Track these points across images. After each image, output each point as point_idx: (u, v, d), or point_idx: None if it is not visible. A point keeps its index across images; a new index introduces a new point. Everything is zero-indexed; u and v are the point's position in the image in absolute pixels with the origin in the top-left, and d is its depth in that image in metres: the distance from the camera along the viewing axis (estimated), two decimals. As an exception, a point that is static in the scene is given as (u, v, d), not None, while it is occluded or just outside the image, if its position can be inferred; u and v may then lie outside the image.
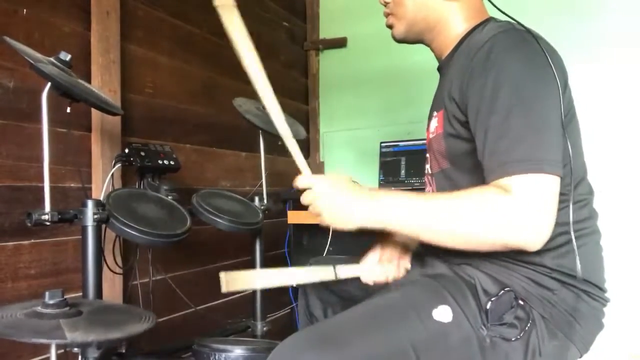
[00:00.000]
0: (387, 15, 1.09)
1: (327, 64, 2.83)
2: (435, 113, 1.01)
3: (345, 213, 0.85)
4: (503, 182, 0.78)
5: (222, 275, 0.85)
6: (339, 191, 0.86)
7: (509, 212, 0.76)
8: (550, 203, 0.77)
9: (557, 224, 0.86)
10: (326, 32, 2.82)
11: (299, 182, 0.91)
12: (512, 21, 0.91)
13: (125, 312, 1.00)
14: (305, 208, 0.92)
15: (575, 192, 0.91)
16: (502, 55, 0.84)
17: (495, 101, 0.81)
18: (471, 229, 0.79)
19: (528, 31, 0.86)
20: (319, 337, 0.82)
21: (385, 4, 1.08)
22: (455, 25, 1.01)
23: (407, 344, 0.81)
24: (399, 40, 1.09)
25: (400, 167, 2.39)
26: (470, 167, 0.90)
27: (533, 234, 0.77)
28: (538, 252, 0.82)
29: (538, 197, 0.76)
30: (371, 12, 1.30)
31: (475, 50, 0.88)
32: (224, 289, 0.85)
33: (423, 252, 1.07)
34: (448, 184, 0.98)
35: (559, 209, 0.87)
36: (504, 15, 0.95)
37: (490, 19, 1.00)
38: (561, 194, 0.87)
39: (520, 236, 0.77)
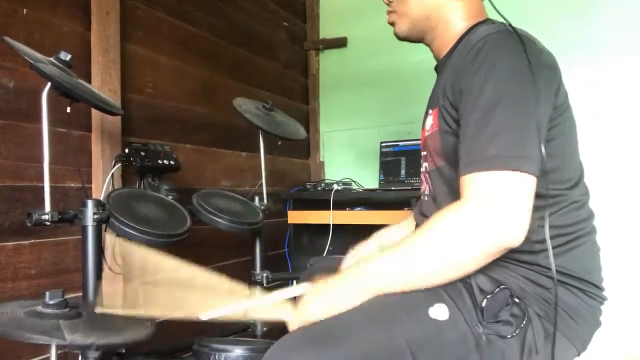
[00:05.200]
0: (389, 13, 1.09)
1: (327, 64, 2.83)
2: (430, 111, 1.02)
3: (336, 307, 0.85)
4: (468, 178, 0.80)
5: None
6: (319, 297, 0.87)
7: (468, 221, 0.77)
8: (515, 197, 0.77)
9: (554, 227, 0.86)
10: (326, 32, 2.82)
11: (291, 322, 0.89)
12: (506, 22, 0.91)
13: (125, 317, 1.00)
14: (304, 208, 0.92)
15: (572, 193, 0.91)
16: (491, 55, 0.85)
17: (479, 99, 0.82)
18: (454, 258, 0.80)
19: (516, 33, 0.87)
20: (314, 336, 0.82)
21: (389, 2, 1.08)
22: (455, 24, 1.02)
23: (403, 342, 0.81)
24: (401, 38, 1.10)
25: (400, 167, 2.39)
26: None
27: (503, 229, 0.77)
28: (533, 252, 0.82)
29: (499, 193, 0.77)
30: (371, 12, 1.30)
31: (468, 50, 0.89)
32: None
33: None
34: (442, 182, 0.98)
35: (554, 212, 0.88)
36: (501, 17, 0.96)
37: (487, 20, 1.00)
38: (555, 196, 0.88)
39: (492, 236, 0.77)
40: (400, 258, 0.84)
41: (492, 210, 0.77)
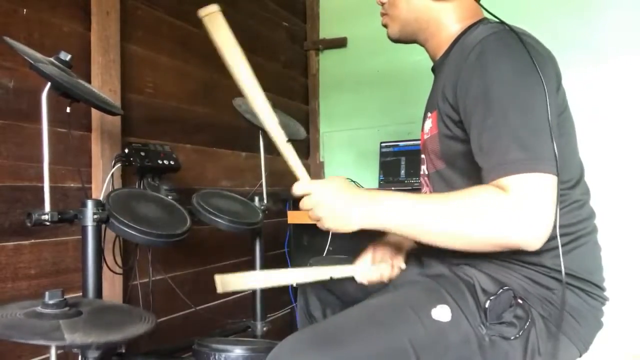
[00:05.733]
0: (382, 15, 1.10)
1: (327, 64, 2.82)
2: (429, 114, 1.02)
3: (345, 217, 0.86)
4: (501, 182, 0.79)
5: (217, 277, 0.88)
6: (337, 195, 0.87)
7: (507, 211, 0.76)
8: (548, 202, 0.77)
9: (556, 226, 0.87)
10: (326, 32, 2.82)
11: (296, 189, 0.92)
12: (503, 22, 0.91)
13: (125, 312, 1.00)
14: (304, 208, 0.93)
15: (573, 193, 0.91)
16: (493, 56, 0.84)
17: (489, 103, 0.82)
18: (469, 230, 0.79)
19: (515, 32, 0.86)
20: (317, 337, 0.82)
21: (382, 4, 1.09)
22: (448, 26, 1.02)
23: (406, 343, 0.81)
24: (394, 40, 1.11)
25: (400, 167, 2.39)
26: (465, 168, 0.91)
27: (531, 233, 0.76)
28: (537, 252, 0.82)
29: (536, 196, 0.77)
30: (371, 12, 1.30)
31: (467, 51, 0.88)
32: (219, 289, 0.88)
33: (422, 253, 1.07)
34: (444, 185, 0.98)
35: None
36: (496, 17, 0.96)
37: (484, 20, 1.00)
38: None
39: (518, 235, 0.77)
40: (424, 207, 0.83)
41: (521, 212, 0.76)
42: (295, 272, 1.03)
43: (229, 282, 0.90)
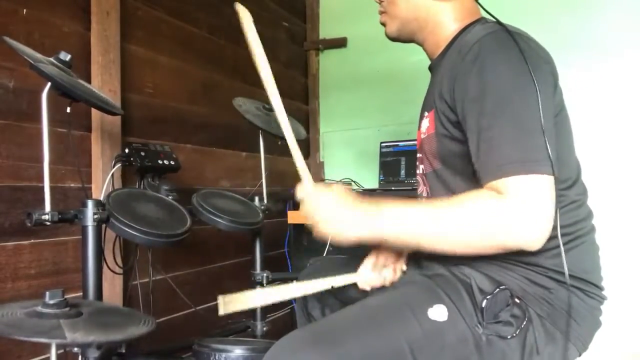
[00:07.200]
0: (380, 13, 1.10)
1: (327, 64, 2.83)
2: (426, 113, 1.02)
3: (343, 222, 0.85)
4: (497, 184, 0.79)
5: (220, 298, 0.89)
6: (338, 201, 0.86)
7: (504, 214, 0.77)
8: (545, 202, 0.77)
9: (553, 227, 0.87)
10: (326, 32, 2.82)
11: (300, 192, 0.91)
12: (500, 22, 0.91)
13: (125, 314, 1.00)
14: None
15: (570, 193, 0.91)
16: (490, 57, 0.84)
17: (485, 104, 0.82)
18: (469, 236, 0.80)
19: (510, 33, 0.86)
20: (314, 336, 0.82)
21: (380, 2, 1.09)
22: (446, 25, 1.02)
23: (403, 343, 0.81)
24: (392, 39, 1.10)
25: (400, 167, 2.39)
26: (461, 168, 0.91)
27: (530, 234, 0.77)
28: (535, 253, 0.82)
29: (532, 197, 0.77)
30: (371, 12, 1.30)
31: (465, 51, 0.88)
32: (222, 311, 0.89)
33: (420, 254, 1.07)
34: (440, 185, 0.98)
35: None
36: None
37: (481, 19, 1.00)
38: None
39: (517, 237, 0.77)
40: (422, 217, 0.83)
41: (520, 214, 0.76)
42: (297, 287, 1.02)
43: (231, 302, 0.90)
